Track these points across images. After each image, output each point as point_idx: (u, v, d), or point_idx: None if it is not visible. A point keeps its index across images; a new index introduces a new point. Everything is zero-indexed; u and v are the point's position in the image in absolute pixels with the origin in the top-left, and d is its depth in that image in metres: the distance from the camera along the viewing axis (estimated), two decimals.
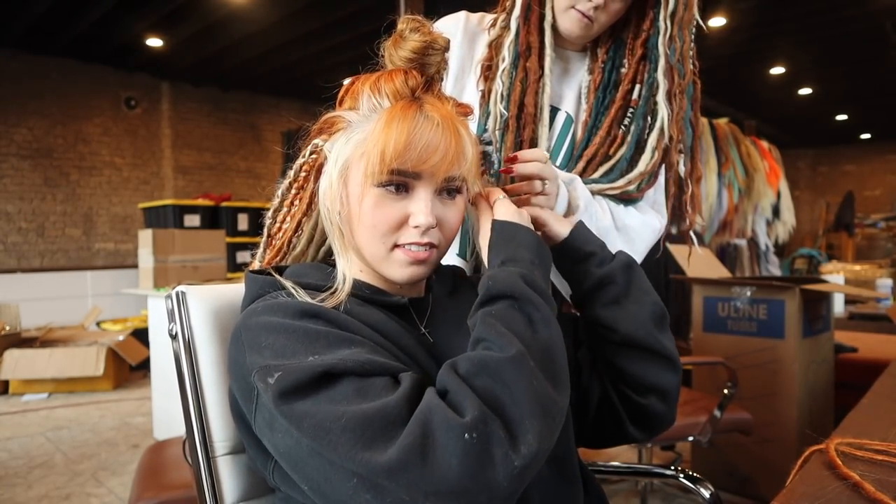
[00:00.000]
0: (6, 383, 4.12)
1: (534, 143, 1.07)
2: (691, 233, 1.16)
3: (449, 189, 0.71)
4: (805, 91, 7.87)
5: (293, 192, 0.77)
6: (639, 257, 1.07)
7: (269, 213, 0.79)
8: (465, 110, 0.74)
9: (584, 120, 1.09)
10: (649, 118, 1.06)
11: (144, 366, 4.19)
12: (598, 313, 0.79)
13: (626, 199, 1.06)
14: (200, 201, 5.70)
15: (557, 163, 1.09)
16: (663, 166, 1.09)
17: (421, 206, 0.67)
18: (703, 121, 4.05)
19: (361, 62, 0.77)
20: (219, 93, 7.58)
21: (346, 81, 0.75)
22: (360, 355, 0.58)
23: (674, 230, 1.20)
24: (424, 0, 3.89)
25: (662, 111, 1.04)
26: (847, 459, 0.72)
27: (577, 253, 0.81)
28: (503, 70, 1.07)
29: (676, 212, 1.14)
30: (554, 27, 1.08)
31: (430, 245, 0.69)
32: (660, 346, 0.78)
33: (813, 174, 11.88)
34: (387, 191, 0.67)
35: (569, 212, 0.96)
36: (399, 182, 0.67)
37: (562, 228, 0.82)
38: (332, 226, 0.72)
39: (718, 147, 4.08)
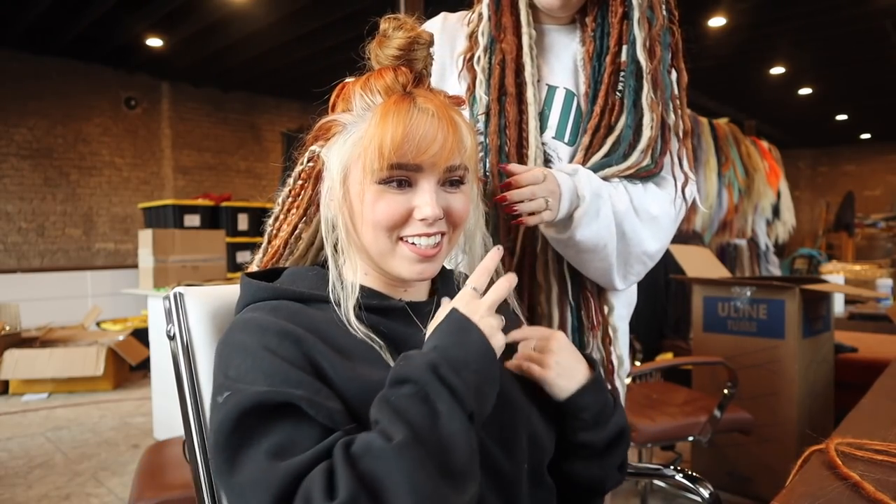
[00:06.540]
0: (6, 383, 4.11)
1: (520, 124, 1.05)
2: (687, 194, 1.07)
3: (451, 180, 0.70)
4: (805, 91, 7.87)
5: (291, 199, 0.78)
6: (665, 242, 1.06)
7: (270, 220, 0.81)
8: (457, 100, 0.74)
9: (584, 92, 1.05)
10: (634, 79, 1.01)
11: (144, 366, 4.19)
12: (568, 461, 0.78)
13: (646, 175, 1.01)
14: (200, 201, 5.71)
15: (565, 139, 1.06)
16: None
17: (426, 199, 0.67)
18: (703, 121, 4.04)
19: (361, 62, 0.77)
20: (219, 93, 7.57)
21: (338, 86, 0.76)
22: (312, 397, 0.58)
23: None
24: (424, 0, 3.89)
25: (643, 65, 0.99)
26: (847, 459, 0.72)
27: (573, 414, 0.76)
28: (478, 55, 1.06)
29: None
30: (533, 5, 1.07)
31: (440, 235, 0.69)
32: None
33: (813, 174, 11.88)
34: (388, 187, 0.67)
35: (575, 204, 0.94)
36: (400, 177, 0.67)
37: (560, 391, 0.74)
38: (338, 230, 0.72)
39: (718, 147, 4.07)
